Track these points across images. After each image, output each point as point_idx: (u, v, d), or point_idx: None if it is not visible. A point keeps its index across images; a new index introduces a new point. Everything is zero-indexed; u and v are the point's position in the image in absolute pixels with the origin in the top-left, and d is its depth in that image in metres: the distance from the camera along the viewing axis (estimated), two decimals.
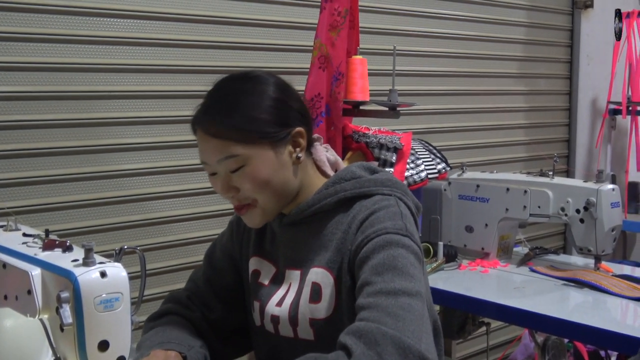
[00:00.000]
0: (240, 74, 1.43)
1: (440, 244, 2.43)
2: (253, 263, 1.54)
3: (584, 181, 2.37)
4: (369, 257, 1.30)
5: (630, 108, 3.90)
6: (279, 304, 1.45)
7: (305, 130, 1.42)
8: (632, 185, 3.98)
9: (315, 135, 1.51)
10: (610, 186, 2.30)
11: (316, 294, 1.40)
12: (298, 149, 1.41)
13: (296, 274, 1.45)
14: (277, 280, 1.49)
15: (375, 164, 1.54)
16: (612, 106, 3.98)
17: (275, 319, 1.46)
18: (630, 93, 3.88)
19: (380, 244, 1.30)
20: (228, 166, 1.36)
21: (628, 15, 3.84)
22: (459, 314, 2.48)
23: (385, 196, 1.41)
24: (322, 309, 1.39)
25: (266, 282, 1.50)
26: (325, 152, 1.52)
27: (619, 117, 4.03)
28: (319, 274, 1.40)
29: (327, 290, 1.39)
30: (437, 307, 2.59)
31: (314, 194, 1.44)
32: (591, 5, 4.11)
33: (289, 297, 1.44)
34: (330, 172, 1.49)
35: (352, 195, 1.41)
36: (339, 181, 1.44)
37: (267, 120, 1.36)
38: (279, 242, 1.50)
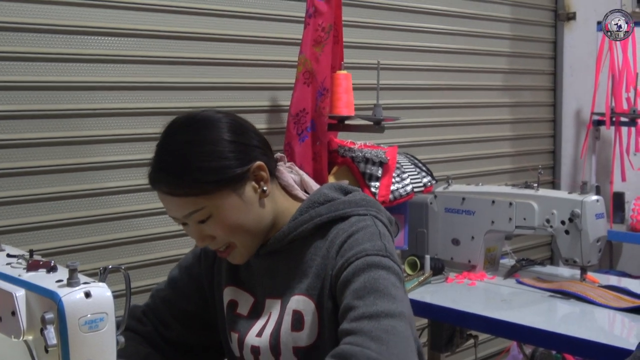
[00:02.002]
0: (187, 121, 1.39)
1: (427, 257, 2.44)
2: (228, 293, 1.51)
3: (569, 193, 2.38)
4: (350, 281, 1.29)
5: (613, 119, 3.92)
6: (259, 334, 1.43)
7: (265, 161, 1.38)
8: (617, 195, 3.99)
9: (277, 155, 1.48)
10: (595, 197, 2.31)
11: (298, 322, 1.38)
12: (262, 183, 1.38)
13: (276, 302, 1.43)
14: (257, 310, 1.47)
15: (346, 182, 1.52)
16: (596, 117, 4.00)
17: (255, 350, 1.44)
18: (613, 104, 3.91)
19: (361, 267, 1.29)
20: (195, 219, 1.34)
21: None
22: (447, 327, 2.48)
23: (362, 216, 1.39)
24: (305, 337, 1.38)
25: (245, 313, 1.48)
26: (290, 174, 1.49)
27: (602, 128, 4.06)
28: (299, 302, 1.38)
29: (309, 318, 1.37)
30: (424, 321, 2.60)
31: (288, 221, 1.42)
32: (574, 18, 4.14)
33: (269, 327, 1.42)
34: (301, 194, 1.47)
35: (328, 219, 1.40)
36: (312, 205, 1.42)
37: (222, 167, 1.33)
38: (255, 271, 1.48)
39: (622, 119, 3.94)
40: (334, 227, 1.39)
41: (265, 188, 1.38)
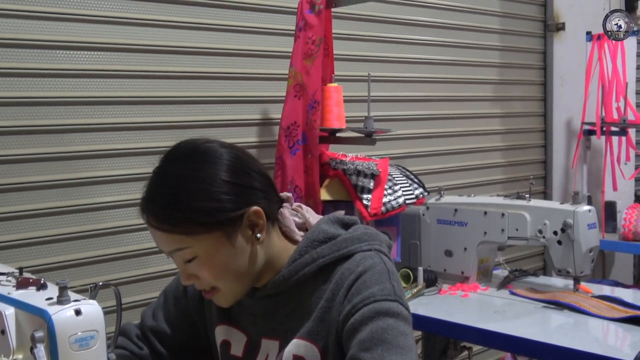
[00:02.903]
0: (189, 151, 1.30)
1: (420, 269, 2.43)
2: (220, 332, 1.46)
3: (561, 203, 2.38)
4: (357, 330, 1.24)
5: (604, 128, 3.94)
6: None
7: (265, 205, 1.30)
8: (609, 205, 4.00)
9: (284, 195, 1.41)
10: (587, 207, 2.31)
11: None
12: (256, 229, 1.30)
13: (274, 344, 1.38)
14: (252, 349, 1.41)
15: (341, 213, 1.45)
16: (586, 127, 4.02)
17: None
18: (604, 114, 3.93)
19: (368, 315, 1.24)
20: (181, 257, 1.28)
21: (599, 37, 3.89)
22: (440, 339, 2.48)
23: (366, 252, 1.34)
24: None
25: (239, 354, 1.43)
26: (294, 217, 1.41)
27: (593, 138, 4.07)
28: (301, 347, 1.32)
29: None
30: (418, 333, 2.59)
31: (288, 264, 1.35)
32: (563, 28, 4.16)
33: None
34: (298, 237, 1.39)
35: (331, 260, 1.33)
36: (312, 244, 1.35)
37: (213, 209, 1.25)
38: (248, 309, 1.42)
39: (613, 128, 3.96)
40: (337, 267, 1.33)
41: (259, 235, 1.30)
